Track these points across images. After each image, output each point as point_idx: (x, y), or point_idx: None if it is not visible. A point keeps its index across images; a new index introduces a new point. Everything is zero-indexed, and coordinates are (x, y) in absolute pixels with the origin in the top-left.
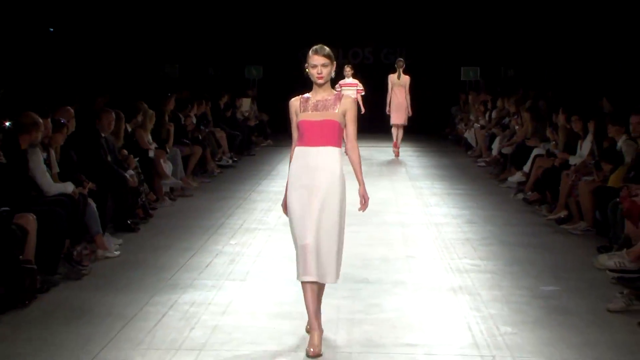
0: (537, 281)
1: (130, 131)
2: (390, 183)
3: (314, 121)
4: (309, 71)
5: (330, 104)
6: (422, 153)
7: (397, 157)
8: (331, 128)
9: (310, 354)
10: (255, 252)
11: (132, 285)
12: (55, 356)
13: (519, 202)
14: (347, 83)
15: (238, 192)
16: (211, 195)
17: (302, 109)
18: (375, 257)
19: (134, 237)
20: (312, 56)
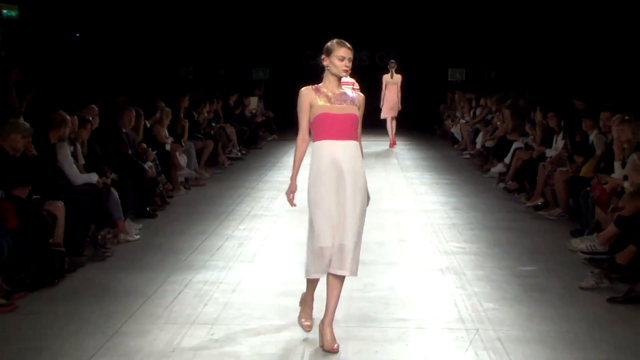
0: (516, 262)
1: (149, 127)
2: (384, 173)
3: (339, 114)
4: (332, 62)
5: (349, 98)
6: (413, 146)
7: (393, 146)
8: (355, 122)
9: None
10: (262, 236)
11: (151, 266)
12: (81, 330)
13: (500, 191)
14: (344, 82)
15: (246, 182)
16: (222, 184)
17: (323, 101)
18: (370, 241)
19: (152, 223)
20: (340, 48)
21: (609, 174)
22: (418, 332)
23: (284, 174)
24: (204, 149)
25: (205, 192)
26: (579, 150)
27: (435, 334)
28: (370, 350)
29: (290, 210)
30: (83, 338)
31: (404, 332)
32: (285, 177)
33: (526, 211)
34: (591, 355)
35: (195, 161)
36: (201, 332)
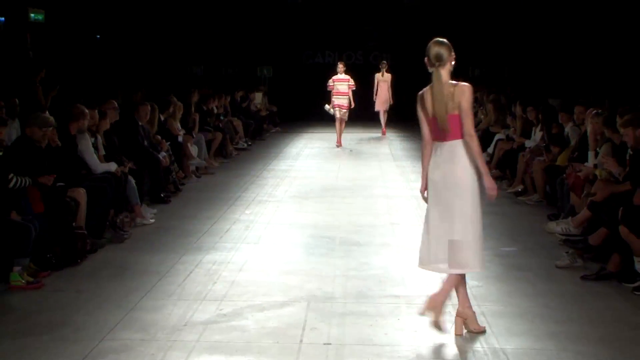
0: (498, 243)
1: (163, 120)
2: (378, 163)
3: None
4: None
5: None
6: (405, 138)
7: (384, 135)
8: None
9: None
10: (266, 220)
11: (165, 247)
12: (102, 305)
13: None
14: (340, 78)
15: (252, 171)
16: (230, 173)
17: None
18: (365, 224)
19: (166, 208)
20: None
21: (583, 162)
22: (408, 308)
23: (286, 163)
24: (213, 140)
25: (214, 179)
26: (555, 141)
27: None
28: (365, 324)
29: (292, 197)
30: (104, 312)
31: (396, 308)
32: (287, 165)
33: (507, 197)
34: (565, 327)
35: (205, 151)
36: (211, 307)
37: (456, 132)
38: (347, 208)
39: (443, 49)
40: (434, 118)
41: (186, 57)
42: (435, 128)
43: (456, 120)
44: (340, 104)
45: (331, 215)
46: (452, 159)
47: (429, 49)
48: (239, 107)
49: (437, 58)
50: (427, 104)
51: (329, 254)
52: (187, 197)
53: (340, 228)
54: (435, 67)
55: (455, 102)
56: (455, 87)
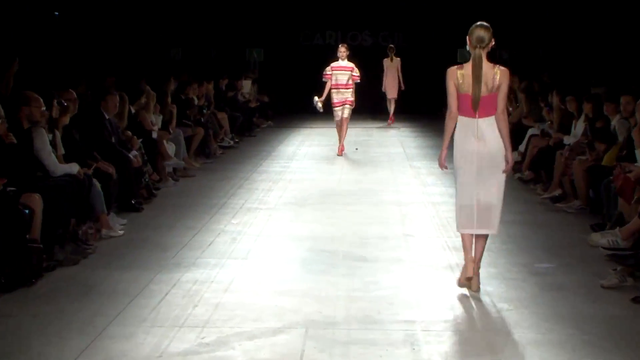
0: (532, 258)
1: (134, 113)
2: (388, 163)
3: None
4: None
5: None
6: (420, 134)
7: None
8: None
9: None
10: (257, 231)
11: (136, 263)
12: (62, 332)
13: (514, 182)
14: (340, 66)
15: (239, 173)
16: (213, 175)
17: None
18: (373, 235)
19: (137, 217)
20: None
21: (633, 162)
22: (425, 335)
23: (280, 163)
24: (193, 137)
25: (195, 183)
26: (600, 136)
27: (444, 338)
28: (374, 355)
29: (287, 203)
30: (64, 341)
31: (410, 335)
32: (281, 167)
33: (543, 203)
34: (612, 358)
35: (184, 150)
36: (190, 335)
37: (489, 110)
38: (352, 217)
39: (486, 33)
40: (466, 95)
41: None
42: (465, 104)
43: (492, 100)
44: (342, 100)
45: (333, 225)
46: (493, 132)
47: (472, 31)
48: (224, 97)
49: (479, 40)
50: (463, 81)
51: (330, 271)
52: (163, 204)
53: (343, 240)
54: (477, 48)
55: (496, 83)
56: (497, 69)
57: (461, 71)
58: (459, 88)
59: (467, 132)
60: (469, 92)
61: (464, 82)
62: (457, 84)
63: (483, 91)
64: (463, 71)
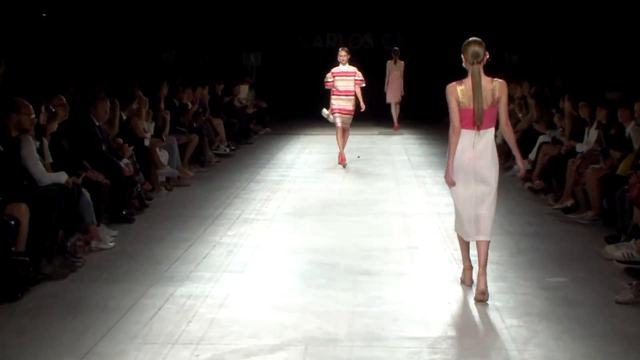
0: (543, 272)
1: (125, 119)
2: (392, 171)
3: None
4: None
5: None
6: (424, 141)
7: (396, 130)
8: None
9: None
10: (254, 243)
11: (128, 277)
12: (49, 349)
13: (524, 191)
14: (341, 72)
15: (236, 182)
16: (208, 184)
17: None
18: (376, 248)
19: (129, 228)
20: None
21: None
22: (431, 353)
23: (278, 172)
24: (187, 144)
25: (189, 193)
26: (615, 144)
27: (450, 355)
28: None
29: (286, 214)
30: (51, 358)
31: (415, 353)
32: (280, 175)
33: (554, 214)
34: None
35: (177, 158)
36: (184, 353)
37: (490, 122)
38: (354, 228)
39: (480, 48)
40: (467, 110)
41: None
42: (468, 118)
43: (493, 113)
44: (342, 108)
45: (334, 237)
46: (492, 145)
47: (467, 48)
48: (219, 102)
49: (475, 56)
50: (463, 97)
51: (331, 285)
52: (156, 214)
53: (345, 253)
54: (474, 64)
55: (496, 97)
56: (496, 82)
57: (461, 87)
58: (460, 103)
59: (465, 143)
60: (469, 106)
61: (465, 98)
62: (458, 100)
63: (484, 105)
64: (463, 87)
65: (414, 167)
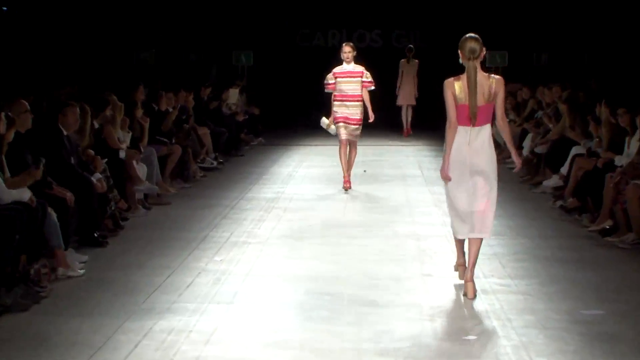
0: (578, 304)
1: (98, 128)
2: (404, 188)
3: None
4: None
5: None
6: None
7: (408, 134)
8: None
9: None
10: (245, 270)
11: (100, 309)
12: None
13: (555, 211)
14: (345, 72)
15: (224, 200)
16: (193, 203)
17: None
18: (385, 276)
19: (101, 253)
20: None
21: None
22: None
23: (273, 188)
24: (169, 157)
25: (170, 212)
26: None
27: None
28: None
29: (282, 236)
30: None
31: None
32: (275, 192)
33: (590, 237)
34: None
35: (157, 172)
36: None
37: (486, 119)
38: (360, 252)
39: (477, 44)
40: (463, 105)
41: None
42: (463, 114)
43: (489, 109)
44: (347, 116)
45: (337, 262)
46: (489, 141)
47: (464, 44)
48: (205, 109)
49: (471, 52)
50: (460, 93)
51: (333, 318)
52: (132, 237)
53: (349, 281)
54: (471, 60)
55: (493, 93)
56: (492, 79)
57: (458, 82)
58: (456, 99)
59: (461, 140)
60: (466, 102)
61: (461, 93)
62: (455, 95)
63: (480, 101)
64: (460, 82)
65: (428, 183)
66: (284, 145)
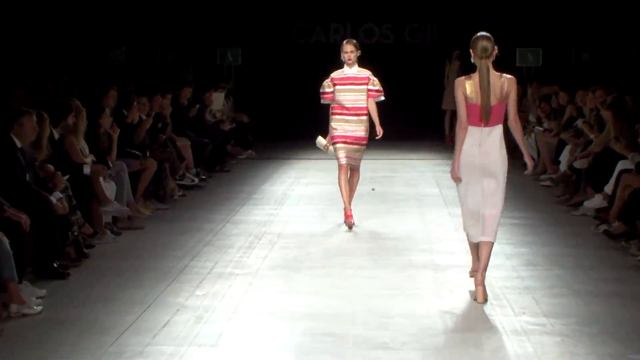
0: (624, 347)
1: (58, 139)
2: (419, 209)
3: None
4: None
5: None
6: None
7: (448, 143)
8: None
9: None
10: (231, 306)
11: (60, 353)
12: None
13: (598, 236)
14: (347, 78)
15: (207, 223)
16: (170, 227)
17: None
18: (397, 313)
19: (62, 286)
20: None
21: None
22: None
23: (265, 210)
24: (142, 173)
25: (143, 238)
26: None
27: None
28: None
29: (275, 267)
30: None
31: None
32: (267, 214)
33: (639, 267)
34: None
35: (129, 191)
36: None
37: (498, 119)
38: (367, 286)
39: (489, 43)
40: (474, 105)
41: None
42: (475, 114)
43: (501, 109)
44: (348, 135)
45: (340, 297)
46: (500, 143)
47: (475, 43)
48: (185, 116)
49: (483, 50)
50: (470, 92)
51: None
52: (99, 268)
53: (355, 320)
54: (483, 59)
55: (505, 92)
56: (504, 78)
57: (469, 81)
58: (467, 99)
59: (472, 140)
60: (477, 102)
61: (473, 93)
62: (466, 95)
63: (492, 101)
64: (471, 81)
65: (447, 204)
66: (278, 159)
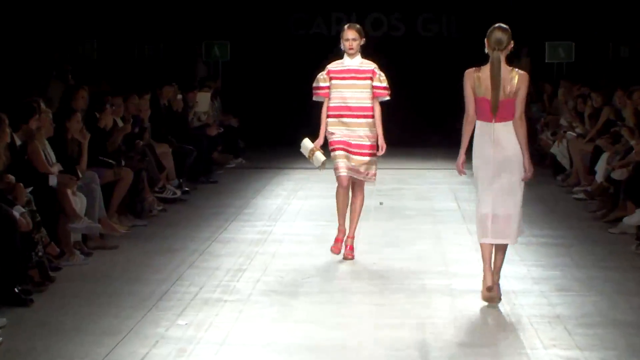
0: None
1: (20, 145)
2: (433, 226)
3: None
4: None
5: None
6: None
7: None
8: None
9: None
10: (219, 337)
11: None
12: None
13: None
14: (346, 70)
15: (191, 242)
16: (148, 246)
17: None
18: (408, 345)
19: (24, 314)
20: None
21: None
22: None
23: (257, 227)
24: (116, 184)
25: (118, 259)
26: None
27: None
28: None
29: (269, 291)
30: None
31: None
32: (259, 232)
33: None
34: None
35: (101, 205)
36: None
37: (507, 114)
38: (374, 314)
39: (504, 35)
40: (482, 99)
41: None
42: (483, 108)
43: (510, 105)
44: (349, 142)
45: (342, 327)
46: (510, 138)
47: (490, 34)
48: (165, 119)
49: (497, 42)
50: (480, 84)
51: None
52: (66, 293)
53: (360, 353)
54: (495, 50)
55: (515, 87)
56: (515, 73)
57: (478, 74)
58: (476, 91)
59: (484, 137)
60: (486, 95)
61: (481, 85)
62: (474, 87)
63: (501, 95)
64: (480, 74)
65: (466, 220)
66: (271, 168)
